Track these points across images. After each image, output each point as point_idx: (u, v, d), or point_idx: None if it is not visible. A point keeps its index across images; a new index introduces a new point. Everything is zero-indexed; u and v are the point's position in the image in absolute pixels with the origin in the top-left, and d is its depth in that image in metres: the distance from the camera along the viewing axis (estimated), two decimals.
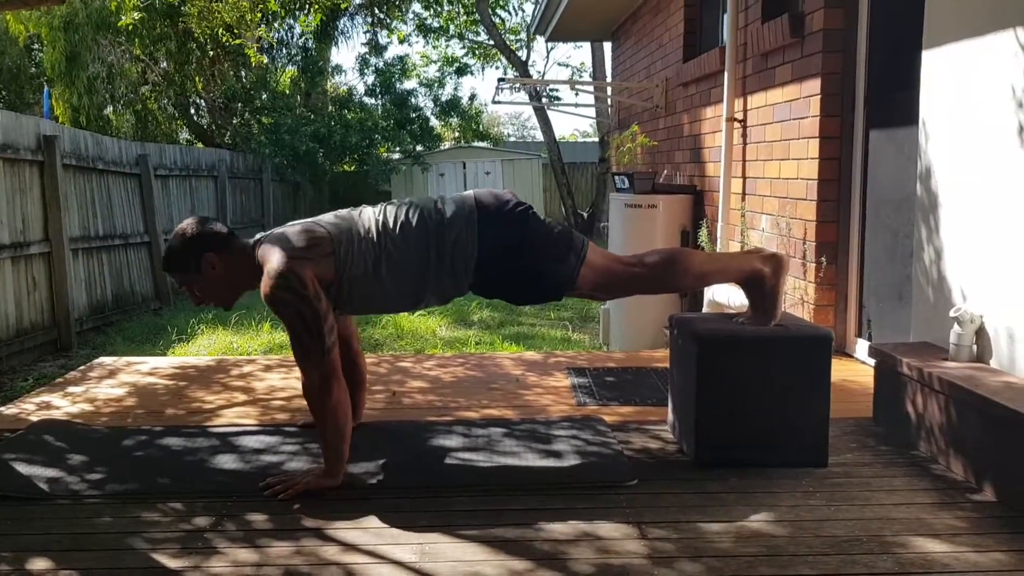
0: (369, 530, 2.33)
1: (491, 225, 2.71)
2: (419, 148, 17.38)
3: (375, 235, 2.69)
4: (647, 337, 6.32)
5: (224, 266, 2.71)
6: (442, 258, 2.69)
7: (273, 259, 2.58)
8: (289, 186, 15.78)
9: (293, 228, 2.71)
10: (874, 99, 4.13)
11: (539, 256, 2.75)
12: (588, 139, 29.20)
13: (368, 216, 2.75)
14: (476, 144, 19.57)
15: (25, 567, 2.13)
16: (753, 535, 2.30)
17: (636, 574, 2.08)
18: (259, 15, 6.43)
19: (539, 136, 19.99)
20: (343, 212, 2.82)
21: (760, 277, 2.86)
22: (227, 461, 2.83)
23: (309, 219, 2.79)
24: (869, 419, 3.29)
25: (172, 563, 2.14)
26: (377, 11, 16.14)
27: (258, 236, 2.77)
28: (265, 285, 2.56)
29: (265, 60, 16.56)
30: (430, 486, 2.64)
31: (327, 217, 2.78)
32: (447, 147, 19.27)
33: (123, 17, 7.33)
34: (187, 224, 2.76)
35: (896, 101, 3.92)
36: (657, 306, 6.15)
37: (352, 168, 17.67)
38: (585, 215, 19.20)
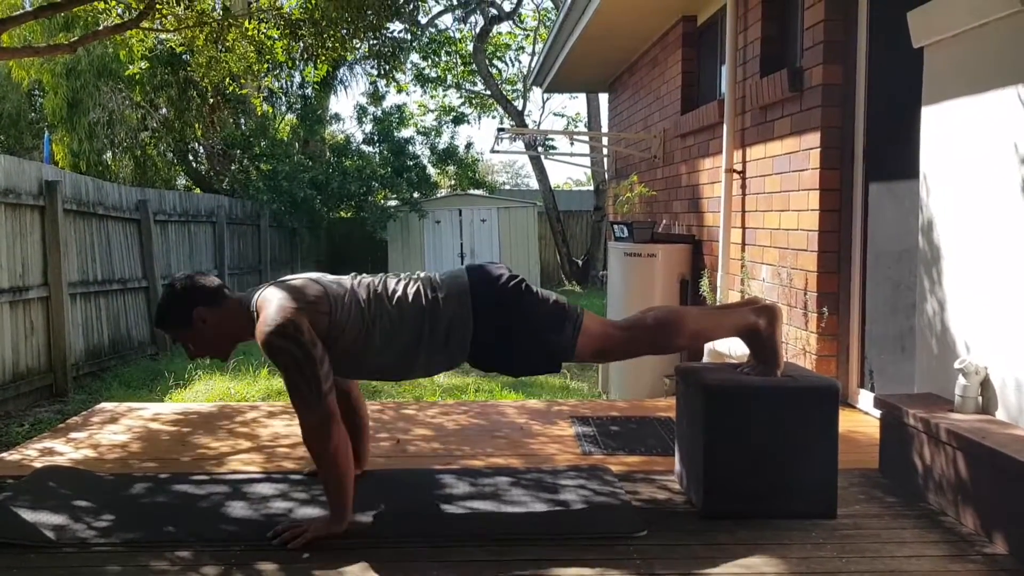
0: None
1: (486, 303, 2.75)
2: (416, 195, 17.50)
3: (372, 304, 2.71)
4: (646, 386, 6.32)
5: (215, 320, 2.73)
6: (435, 335, 2.72)
7: (270, 307, 2.60)
8: (286, 232, 15.83)
9: (292, 281, 2.74)
10: (873, 153, 4.21)
11: (536, 329, 2.78)
12: (583, 188, 29.47)
13: (366, 285, 2.78)
14: (472, 192, 19.70)
15: None
16: None
17: None
18: (266, 66, 6.51)
19: (533, 184, 20.20)
20: (343, 277, 2.85)
21: (756, 330, 2.89)
22: (235, 509, 2.82)
23: (308, 275, 2.81)
24: (875, 470, 3.29)
25: None
26: (380, 62, 16.35)
27: (258, 287, 2.80)
28: (261, 332, 2.57)
29: (272, 109, 16.75)
30: (439, 535, 2.62)
31: (327, 277, 2.81)
32: (443, 195, 19.41)
33: (131, 67, 7.41)
34: (177, 280, 2.80)
35: (895, 155, 3.99)
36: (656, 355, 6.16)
37: (349, 215, 17.77)
38: (580, 262, 19.31)
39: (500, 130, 7.77)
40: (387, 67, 16.53)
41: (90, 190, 8.74)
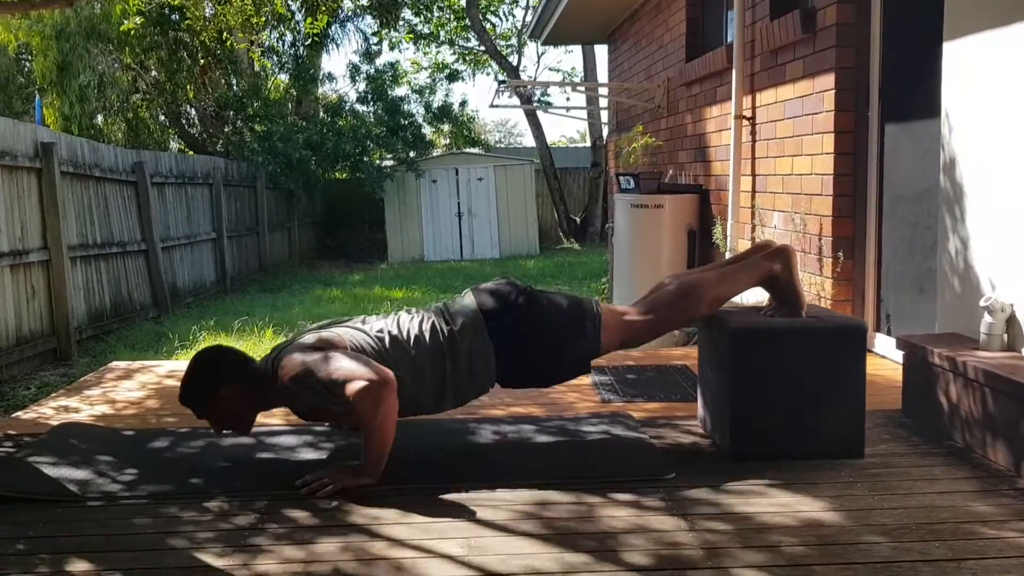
0: (413, 525, 2.30)
1: (501, 325, 2.73)
2: (412, 155, 17.34)
3: (391, 350, 2.68)
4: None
5: (240, 395, 2.69)
6: (458, 369, 2.71)
7: (294, 355, 2.58)
8: (283, 194, 15.70)
9: (309, 339, 2.68)
10: (889, 93, 4.14)
11: (557, 339, 2.76)
12: (578, 144, 29.26)
13: (379, 329, 2.74)
14: (468, 150, 19.52)
15: (65, 568, 2.08)
16: (802, 525, 2.28)
17: (694, 566, 2.06)
18: (263, 19, 6.39)
19: (526, 143, 19.98)
20: (354, 321, 2.81)
21: (773, 275, 2.86)
22: (260, 460, 2.80)
23: (318, 331, 2.75)
24: (898, 411, 3.28)
25: (218, 562, 2.10)
26: (372, 18, 16.12)
27: (270, 354, 2.75)
28: (286, 375, 2.55)
29: (269, 64, 16.52)
30: (467, 481, 2.60)
31: (340, 329, 2.75)
32: (439, 153, 19.24)
33: (126, 22, 7.26)
34: (203, 357, 2.74)
35: (912, 94, 3.93)
36: None
37: (345, 176, 17.62)
38: (578, 220, 19.23)
39: (500, 82, 7.67)
40: (388, 16, 16.26)
41: (86, 152, 8.62)
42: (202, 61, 16.50)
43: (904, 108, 4.03)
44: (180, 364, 4.44)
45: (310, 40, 16.56)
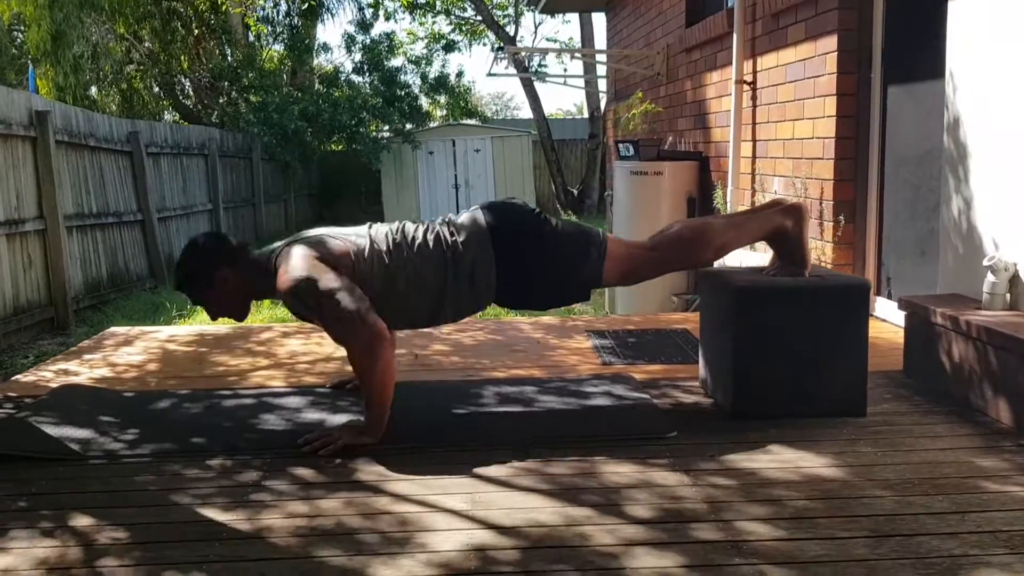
0: (417, 482, 2.30)
1: (506, 241, 2.69)
2: (408, 126, 17.24)
3: (393, 255, 2.66)
4: (654, 304, 6.30)
5: (237, 280, 2.69)
6: (459, 279, 2.67)
7: (291, 260, 2.56)
8: (279, 165, 15.62)
9: (310, 237, 2.69)
10: (892, 54, 4.11)
11: (560, 260, 2.72)
12: (574, 116, 29.09)
13: (384, 235, 2.72)
14: (465, 122, 19.41)
15: (67, 523, 2.08)
16: (805, 480, 2.28)
17: (697, 519, 2.06)
18: None
19: (520, 116, 19.83)
20: (359, 228, 2.79)
21: (783, 231, 2.84)
22: (263, 420, 2.79)
23: (325, 230, 2.76)
24: (899, 372, 3.28)
25: (222, 516, 2.10)
26: None
27: (276, 245, 2.75)
28: (284, 282, 2.53)
29: (266, 30, 16.35)
30: (471, 441, 2.60)
31: (344, 230, 2.76)
32: (436, 125, 19.13)
33: None
34: (198, 240, 2.75)
35: (916, 55, 3.89)
36: (664, 276, 6.14)
37: (341, 148, 17.53)
38: (575, 192, 19.16)
39: (498, 49, 7.59)
40: None
41: (80, 121, 8.55)
42: (196, 31, 16.36)
43: (907, 69, 4.00)
44: (179, 329, 4.43)
45: (307, 5, 16.39)
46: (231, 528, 2.04)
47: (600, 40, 13.85)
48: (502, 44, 16.18)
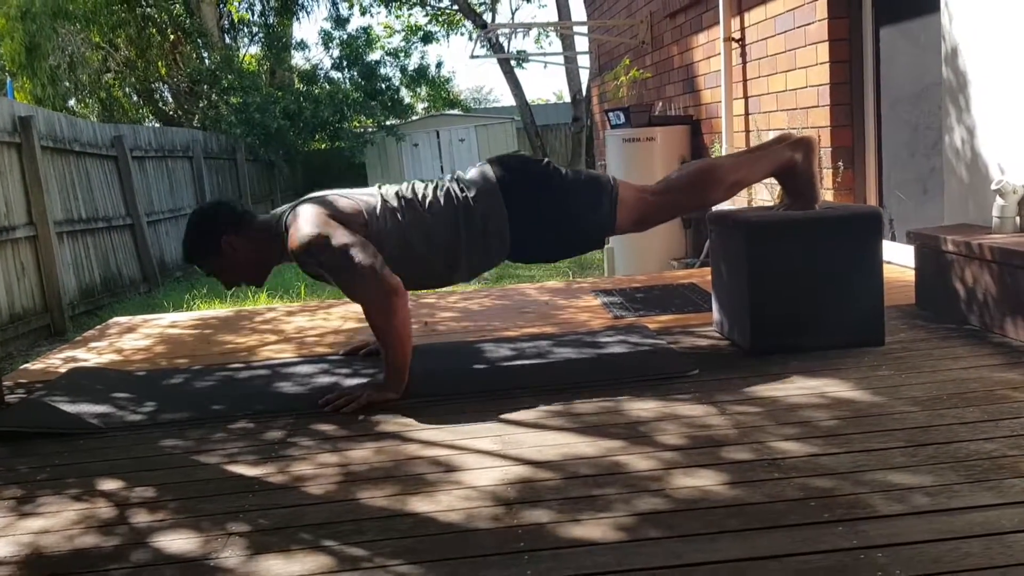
0: (444, 428, 2.28)
1: (517, 193, 2.67)
2: (391, 120, 17.17)
3: (405, 212, 2.64)
4: (654, 270, 6.29)
5: (245, 245, 2.67)
6: (472, 235, 2.65)
7: (301, 219, 2.53)
8: (264, 165, 15.55)
9: (322, 196, 2.67)
10: None
11: (572, 210, 2.70)
12: (558, 101, 29.02)
13: (395, 194, 2.70)
14: (448, 112, 19.36)
15: (96, 488, 2.05)
16: (832, 403, 2.28)
17: (729, 442, 2.05)
18: None
19: (501, 104, 19.75)
20: (370, 188, 2.78)
21: (792, 165, 2.82)
22: (280, 387, 2.77)
23: (336, 191, 2.73)
24: (912, 306, 3.28)
25: (253, 471, 2.07)
26: None
27: (282, 208, 2.72)
28: (295, 242, 2.50)
29: (248, 16, 16.24)
30: (494, 390, 2.58)
31: (355, 191, 2.74)
32: (418, 117, 19.07)
33: None
34: (201, 209, 2.75)
35: None
36: (662, 241, 6.15)
37: (325, 146, 17.45)
38: None
39: (481, 27, 7.55)
40: None
41: (64, 126, 8.49)
42: (172, 36, 16.25)
43: (899, 8, 3.99)
44: (182, 316, 4.39)
45: (280, 2, 16.31)
46: (263, 481, 2.01)
47: (579, 16, 13.80)
48: (486, 22, 16.14)
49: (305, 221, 2.52)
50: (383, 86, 17.33)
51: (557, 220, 2.70)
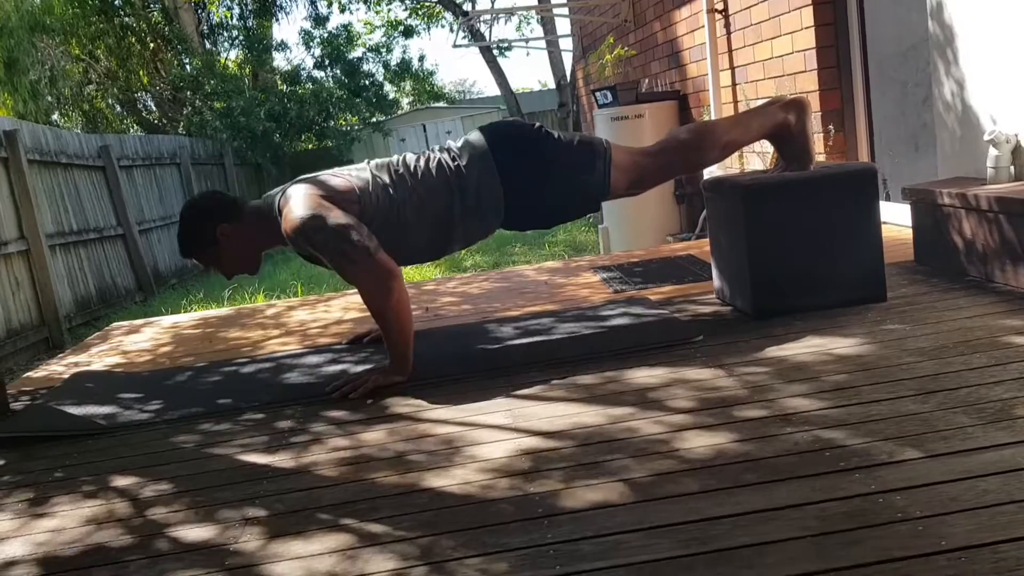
0: (453, 407, 2.28)
1: (509, 159, 2.65)
2: (377, 116, 17.12)
3: (397, 186, 2.62)
4: (649, 247, 6.29)
5: (240, 233, 2.65)
6: (466, 203, 2.64)
7: (294, 200, 2.52)
8: (251, 168, 15.50)
9: (314, 176, 2.66)
10: None
11: (566, 174, 2.68)
12: (543, 88, 28.94)
13: (386, 167, 2.68)
14: (433, 105, 19.32)
15: (109, 485, 2.04)
16: (839, 358, 2.28)
17: (740, 401, 2.05)
18: None
19: (485, 95, 19.66)
20: (360, 164, 2.76)
21: (786, 127, 2.82)
22: (287, 378, 2.76)
23: (328, 171, 2.72)
24: (910, 262, 3.28)
25: (265, 459, 2.07)
26: None
27: (274, 191, 2.70)
28: (289, 223, 2.48)
29: (229, 13, 16.17)
30: (502, 367, 2.58)
31: (346, 168, 2.72)
32: (404, 111, 19.01)
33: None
34: (193, 201, 2.72)
35: None
36: (656, 218, 6.14)
37: (312, 146, 17.39)
38: None
39: (464, 15, 7.52)
40: None
41: (49, 139, 8.45)
42: (152, 44, 16.17)
43: None
44: (184, 316, 4.38)
45: (244, 15, 16.25)
46: (276, 467, 2.01)
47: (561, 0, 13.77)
48: (467, 12, 16.06)
49: (297, 203, 2.50)
50: (367, 82, 17.28)
51: (552, 185, 2.68)
